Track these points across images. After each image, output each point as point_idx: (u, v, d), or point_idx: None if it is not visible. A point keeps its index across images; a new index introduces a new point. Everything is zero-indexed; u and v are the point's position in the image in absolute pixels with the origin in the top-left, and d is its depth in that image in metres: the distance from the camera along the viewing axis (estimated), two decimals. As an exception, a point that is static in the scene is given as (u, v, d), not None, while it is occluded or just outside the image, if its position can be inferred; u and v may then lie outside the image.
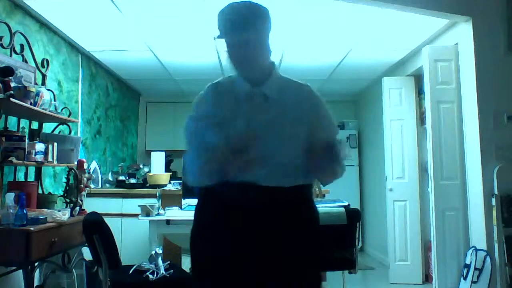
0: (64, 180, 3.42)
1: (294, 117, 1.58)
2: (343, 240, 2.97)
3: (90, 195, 3.76)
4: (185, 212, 3.38)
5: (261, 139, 1.51)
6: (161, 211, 3.26)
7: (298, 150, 1.53)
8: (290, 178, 1.54)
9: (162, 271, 2.66)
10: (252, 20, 1.54)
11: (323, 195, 4.05)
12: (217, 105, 1.62)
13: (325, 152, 1.48)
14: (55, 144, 3.14)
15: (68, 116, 3.50)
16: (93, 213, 2.80)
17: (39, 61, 3.40)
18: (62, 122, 3.51)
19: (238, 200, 1.53)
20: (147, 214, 3.17)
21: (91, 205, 3.41)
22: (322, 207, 2.81)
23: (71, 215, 3.05)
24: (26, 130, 3.16)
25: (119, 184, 4.44)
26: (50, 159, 3.06)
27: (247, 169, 1.48)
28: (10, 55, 3.04)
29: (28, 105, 2.78)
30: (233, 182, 1.52)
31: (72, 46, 4.28)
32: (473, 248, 3.31)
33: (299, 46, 4.38)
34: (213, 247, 1.56)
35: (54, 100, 3.27)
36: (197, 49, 4.49)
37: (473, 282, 3.21)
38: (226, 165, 1.50)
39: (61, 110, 3.44)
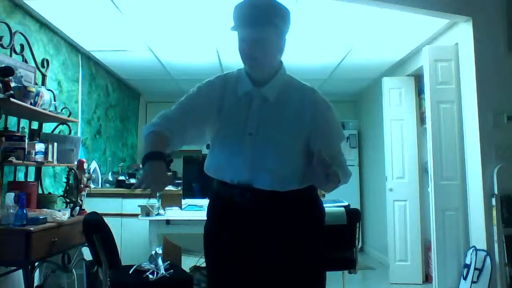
0: (64, 180, 3.42)
1: (292, 123, 1.54)
2: (343, 240, 2.97)
3: (90, 195, 3.76)
4: (185, 212, 3.38)
5: (254, 142, 1.50)
6: (161, 211, 3.26)
7: (293, 157, 1.49)
8: (284, 183, 1.49)
9: (162, 271, 2.66)
10: (268, 18, 1.49)
11: (323, 195, 4.05)
12: (218, 98, 1.59)
13: (324, 170, 1.37)
14: (55, 144, 3.14)
15: (68, 116, 3.50)
16: (93, 213, 2.80)
17: (39, 61, 3.40)
18: (62, 122, 3.50)
19: (236, 201, 1.53)
20: (147, 214, 3.16)
21: (91, 205, 3.41)
22: (322, 207, 2.80)
23: (71, 215, 3.05)
24: (26, 130, 3.16)
25: (119, 184, 4.44)
26: (50, 159, 3.06)
27: (241, 170, 1.50)
28: (10, 55, 3.04)
29: (28, 105, 2.78)
30: (231, 184, 1.53)
31: (72, 46, 4.27)
32: (473, 248, 3.31)
33: (299, 46, 4.38)
34: (215, 245, 1.59)
35: (54, 100, 3.27)
36: (197, 49, 4.49)
37: (473, 282, 3.21)
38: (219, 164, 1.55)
39: (61, 110, 3.44)
